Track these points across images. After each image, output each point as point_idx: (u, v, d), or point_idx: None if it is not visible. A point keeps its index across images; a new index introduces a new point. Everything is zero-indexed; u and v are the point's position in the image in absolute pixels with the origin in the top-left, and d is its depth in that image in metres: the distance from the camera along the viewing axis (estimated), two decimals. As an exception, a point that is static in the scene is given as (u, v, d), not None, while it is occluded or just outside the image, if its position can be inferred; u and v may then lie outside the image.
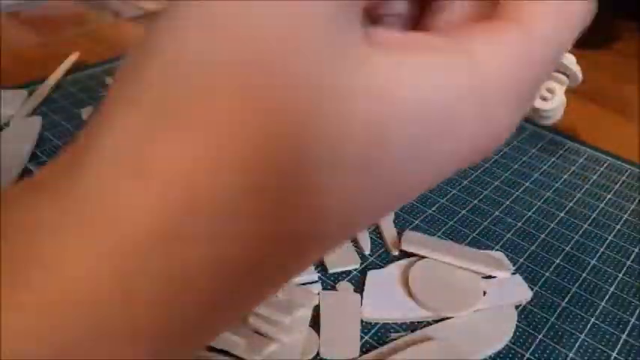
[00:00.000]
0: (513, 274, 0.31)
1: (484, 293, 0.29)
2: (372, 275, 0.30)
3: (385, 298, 0.29)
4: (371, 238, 0.33)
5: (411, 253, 0.31)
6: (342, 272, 0.30)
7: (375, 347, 0.27)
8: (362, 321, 0.28)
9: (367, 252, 0.32)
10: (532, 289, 0.30)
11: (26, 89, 0.45)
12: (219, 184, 0.10)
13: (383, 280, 0.30)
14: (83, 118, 0.42)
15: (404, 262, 0.31)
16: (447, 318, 0.28)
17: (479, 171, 0.40)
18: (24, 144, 0.38)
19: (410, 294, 0.29)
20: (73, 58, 0.50)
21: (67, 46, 0.54)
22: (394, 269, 0.31)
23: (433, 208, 0.36)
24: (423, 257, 0.31)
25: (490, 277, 0.30)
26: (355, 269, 0.31)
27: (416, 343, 0.26)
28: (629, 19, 0.70)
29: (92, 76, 0.48)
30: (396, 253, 0.32)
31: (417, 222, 0.35)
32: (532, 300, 0.30)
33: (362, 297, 0.29)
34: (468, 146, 0.13)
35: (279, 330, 0.26)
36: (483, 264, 0.30)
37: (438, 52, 0.12)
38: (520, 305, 0.30)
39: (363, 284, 0.30)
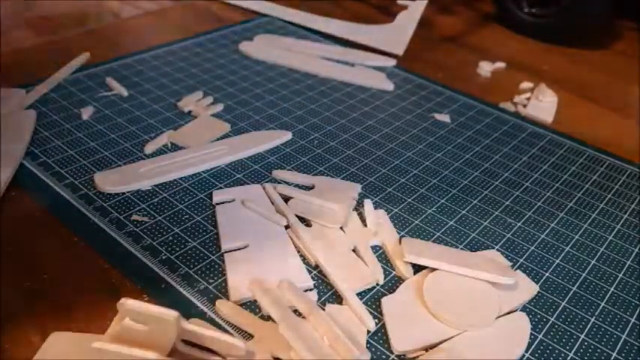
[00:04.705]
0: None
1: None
2: (387, 302, 0.29)
3: (409, 324, 0.28)
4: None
5: (415, 264, 0.31)
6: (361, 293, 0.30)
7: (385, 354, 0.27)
8: (368, 331, 0.27)
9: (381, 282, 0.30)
10: (532, 289, 0.31)
11: (26, 89, 0.45)
12: None
13: (399, 305, 0.29)
14: (83, 118, 0.42)
15: (411, 280, 0.30)
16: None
17: (479, 171, 0.40)
18: (19, 137, 0.39)
19: (430, 313, 0.28)
20: (84, 58, 0.51)
21: (67, 46, 0.54)
22: (406, 291, 0.29)
23: (433, 208, 0.36)
24: (425, 267, 0.31)
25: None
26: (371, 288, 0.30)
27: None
28: (629, 19, 0.70)
29: (92, 76, 0.48)
30: (408, 276, 0.31)
31: (416, 222, 0.35)
32: (532, 300, 0.30)
33: (385, 329, 0.28)
34: None
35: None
36: (488, 271, 0.30)
37: None
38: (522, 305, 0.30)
39: (377, 306, 0.29)
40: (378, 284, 0.30)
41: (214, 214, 0.34)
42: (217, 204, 0.35)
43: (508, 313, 0.29)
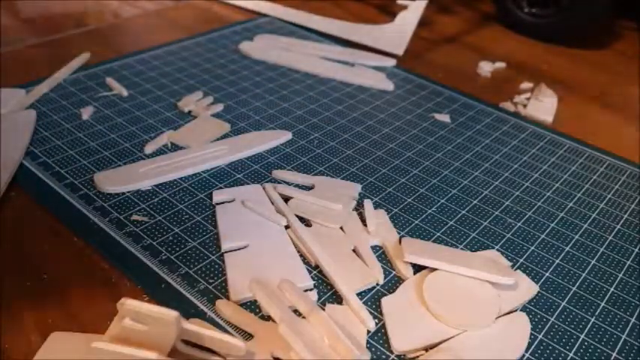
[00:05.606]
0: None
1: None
2: (387, 302, 0.29)
3: (409, 324, 0.28)
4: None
5: (415, 264, 0.31)
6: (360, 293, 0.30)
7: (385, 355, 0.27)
8: (368, 331, 0.28)
9: (381, 282, 0.30)
10: (532, 289, 0.31)
11: (26, 89, 0.45)
12: None
13: (399, 305, 0.29)
14: (83, 118, 0.42)
15: (412, 280, 0.30)
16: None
17: (479, 171, 0.40)
18: (19, 137, 0.39)
19: (430, 313, 0.28)
20: (84, 58, 0.51)
21: (67, 46, 0.54)
22: (406, 291, 0.29)
23: (433, 208, 0.36)
24: (425, 267, 0.31)
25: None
26: (372, 288, 0.30)
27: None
28: (629, 19, 0.70)
29: (92, 76, 0.48)
30: (408, 276, 0.30)
31: (417, 222, 0.35)
32: (532, 300, 0.30)
33: (385, 329, 0.27)
34: None
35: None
36: (488, 271, 0.30)
37: None
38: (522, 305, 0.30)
39: (377, 306, 0.29)
40: (378, 284, 0.30)
41: (214, 214, 0.34)
42: (217, 204, 0.35)
43: (508, 313, 0.29)
